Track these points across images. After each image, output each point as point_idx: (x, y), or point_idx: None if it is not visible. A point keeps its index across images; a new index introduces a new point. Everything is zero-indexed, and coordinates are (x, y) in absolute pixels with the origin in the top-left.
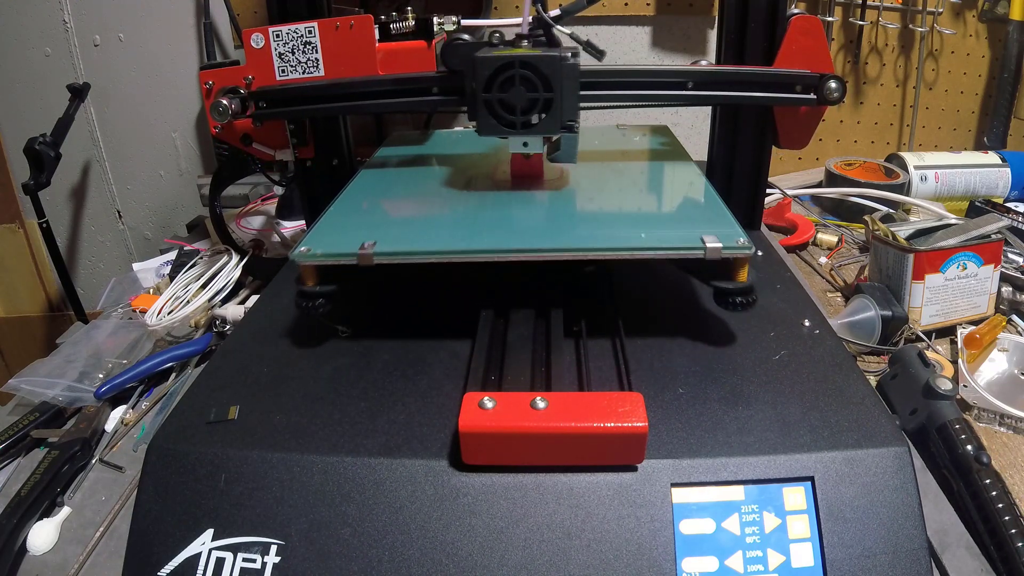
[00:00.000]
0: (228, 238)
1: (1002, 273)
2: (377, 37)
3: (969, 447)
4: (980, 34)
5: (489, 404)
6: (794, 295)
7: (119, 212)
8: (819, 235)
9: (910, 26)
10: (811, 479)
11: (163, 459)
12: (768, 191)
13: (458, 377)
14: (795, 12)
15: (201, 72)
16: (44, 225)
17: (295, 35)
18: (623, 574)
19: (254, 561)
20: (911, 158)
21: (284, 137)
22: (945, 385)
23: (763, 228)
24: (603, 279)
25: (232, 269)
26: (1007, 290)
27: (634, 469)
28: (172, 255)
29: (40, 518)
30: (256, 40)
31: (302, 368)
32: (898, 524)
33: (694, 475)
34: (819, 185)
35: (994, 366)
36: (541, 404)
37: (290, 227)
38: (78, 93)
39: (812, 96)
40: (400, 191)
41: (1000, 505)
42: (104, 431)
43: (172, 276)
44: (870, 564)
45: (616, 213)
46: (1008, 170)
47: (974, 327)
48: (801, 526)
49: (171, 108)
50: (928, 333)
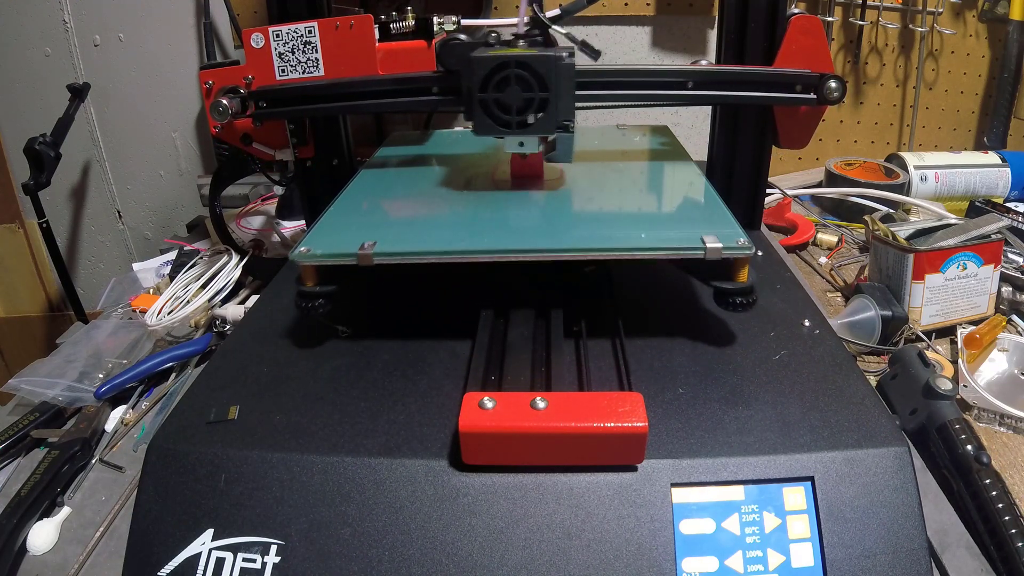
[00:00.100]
0: (228, 238)
1: (1002, 273)
2: (377, 37)
3: (969, 447)
4: (980, 34)
5: (489, 404)
6: (794, 295)
7: (119, 212)
8: (819, 235)
9: (910, 26)
10: (811, 479)
11: (163, 459)
12: (768, 191)
13: (458, 377)
14: (795, 12)
15: (201, 72)
16: (44, 225)
17: (295, 35)
18: (623, 574)
19: (254, 561)
20: (911, 158)
21: (284, 137)
22: (945, 385)
23: (763, 228)
24: (603, 279)
25: (232, 269)
26: (1007, 290)
27: (634, 469)
28: (172, 255)
29: (40, 518)
30: (256, 40)
31: (302, 368)
32: (898, 524)
33: (694, 475)
34: (819, 185)
35: (994, 366)
36: (541, 404)
37: (290, 227)
38: (78, 93)
39: (812, 96)
40: (400, 191)
41: (1000, 505)
42: (104, 431)
43: (172, 276)
44: (870, 564)
45: (616, 213)
46: (1008, 170)
47: (974, 327)
48: (801, 526)
49: (171, 108)
50: (928, 333)
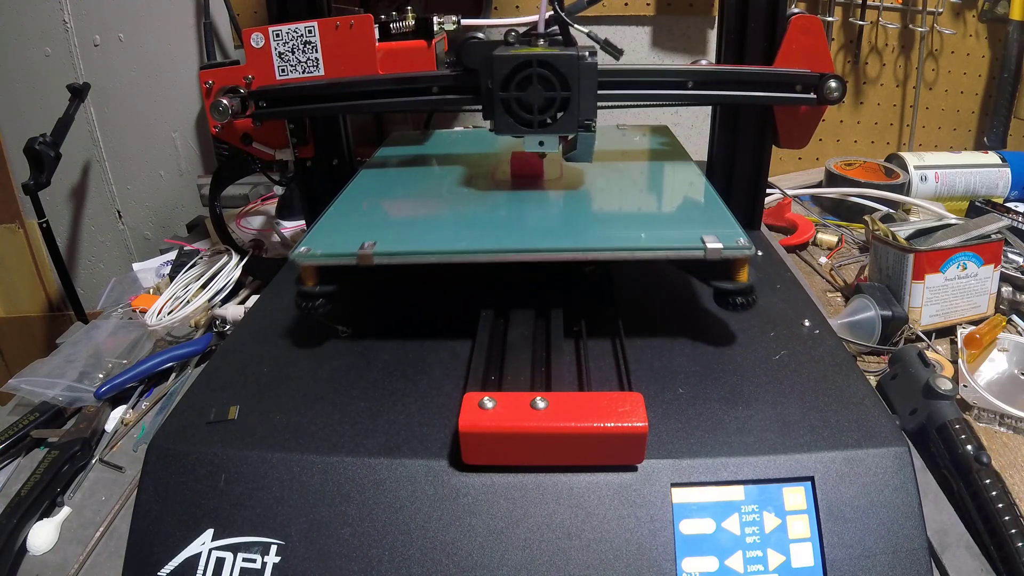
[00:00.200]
0: (228, 238)
1: (1002, 273)
2: (377, 37)
3: (969, 447)
4: (980, 34)
5: (489, 404)
6: (794, 295)
7: (119, 212)
8: (819, 235)
9: (910, 26)
10: (811, 479)
11: (163, 459)
12: (768, 191)
13: (458, 377)
14: (795, 12)
15: (201, 72)
16: (44, 225)
17: (295, 35)
18: (623, 574)
19: (254, 561)
20: (911, 158)
21: (284, 137)
22: (945, 385)
23: (763, 228)
24: (603, 279)
25: (232, 269)
26: (1007, 290)
27: (634, 469)
28: (172, 255)
29: (40, 518)
30: (256, 40)
31: (302, 368)
32: (898, 524)
33: (694, 475)
34: (819, 185)
35: (994, 366)
36: (541, 404)
37: (290, 227)
38: (78, 93)
39: (812, 95)
40: (400, 191)
41: (1000, 505)
42: (104, 431)
43: (172, 276)
44: (870, 564)
45: (616, 213)
46: (1008, 170)
47: (974, 327)
48: (801, 526)
49: (171, 108)
50: (928, 333)
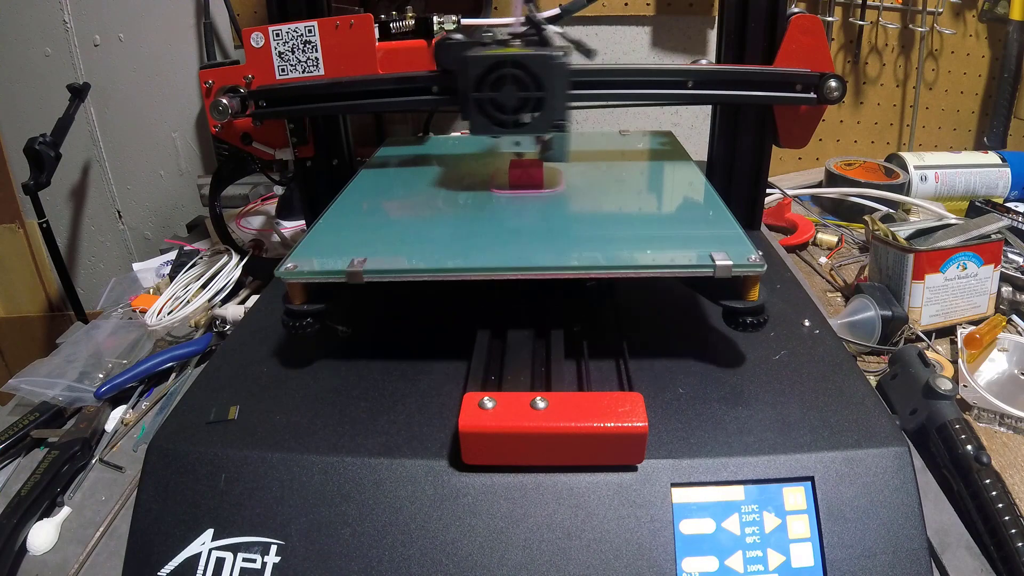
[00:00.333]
0: (228, 238)
1: (1002, 273)
2: (377, 36)
3: (969, 447)
4: (980, 34)
5: (489, 404)
6: (794, 295)
7: (119, 212)
8: (819, 235)
9: (910, 26)
10: (811, 479)
11: (163, 459)
12: (768, 191)
13: (458, 377)
14: (795, 11)
15: (201, 72)
16: (44, 225)
17: (295, 34)
18: (623, 574)
19: (254, 561)
20: (911, 158)
21: (284, 136)
22: (945, 385)
23: (763, 228)
24: (603, 281)
25: (232, 269)
26: (1007, 290)
27: (634, 469)
28: (172, 255)
29: (40, 518)
30: (256, 39)
31: (302, 368)
32: (898, 524)
33: (694, 475)
34: (819, 185)
35: (994, 366)
36: (541, 404)
37: (290, 227)
38: (78, 93)
39: (812, 95)
40: (394, 202)
41: (1000, 505)
42: (104, 431)
43: (172, 276)
44: (870, 564)
45: (619, 227)
46: (1008, 170)
47: (974, 327)
48: (801, 526)
49: (171, 108)
50: (928, 333)
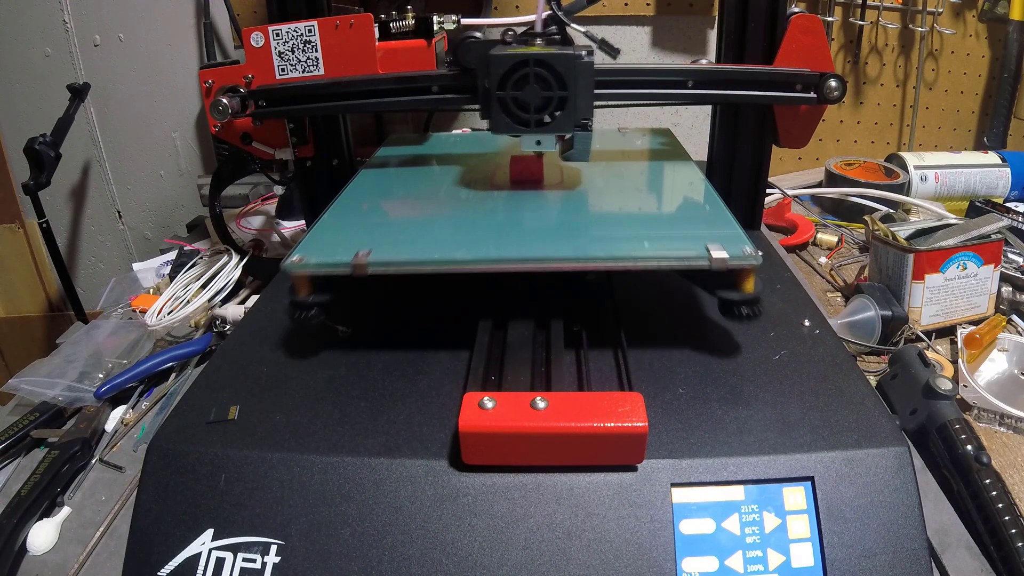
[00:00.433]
0: (228, 238)
1: (1002, 273)
2: (377, 36)
3: (969, 447)
4: (980, 34)
5: (489, 404)
6: (794, 295)
7: (119, 212)
8: (819, 235)
9: (910, 26)
10: (811, 479)
11: (163, 459)
12: (768, 191)
13: (458, 377)
14: (795, 11)
15: (201, 72)
16: (44, 225)
17: (295, 34)
18: (623, 574)
19: (254, 561)
20: (911, 158)
21: (284, 136)
22: (945, 385)
23: (763, 228)
24: (603, 280)
25: (232, 269)
26: (1007, 290)
27: (634, 469)
28: (172, 255)
29: (40, 518)
30: (256, 39)
31: (302, 368)
32: (898, 524)
33: (694, 475)
34: (819, 185)
35: (994, 366)
36: (541, 404)
37: (290, 227)
38: (78, 93)
39: (812, 95)
40: (397, 197)
41: (1000, 505)
42: (104, 431)
43: (172, 276)
44: (870, 564)
45: (618, 221)
46: (1008, 170)
47: (974, 327)
48: (801, 526)
49: (171, 108)
50: (928, 333)
